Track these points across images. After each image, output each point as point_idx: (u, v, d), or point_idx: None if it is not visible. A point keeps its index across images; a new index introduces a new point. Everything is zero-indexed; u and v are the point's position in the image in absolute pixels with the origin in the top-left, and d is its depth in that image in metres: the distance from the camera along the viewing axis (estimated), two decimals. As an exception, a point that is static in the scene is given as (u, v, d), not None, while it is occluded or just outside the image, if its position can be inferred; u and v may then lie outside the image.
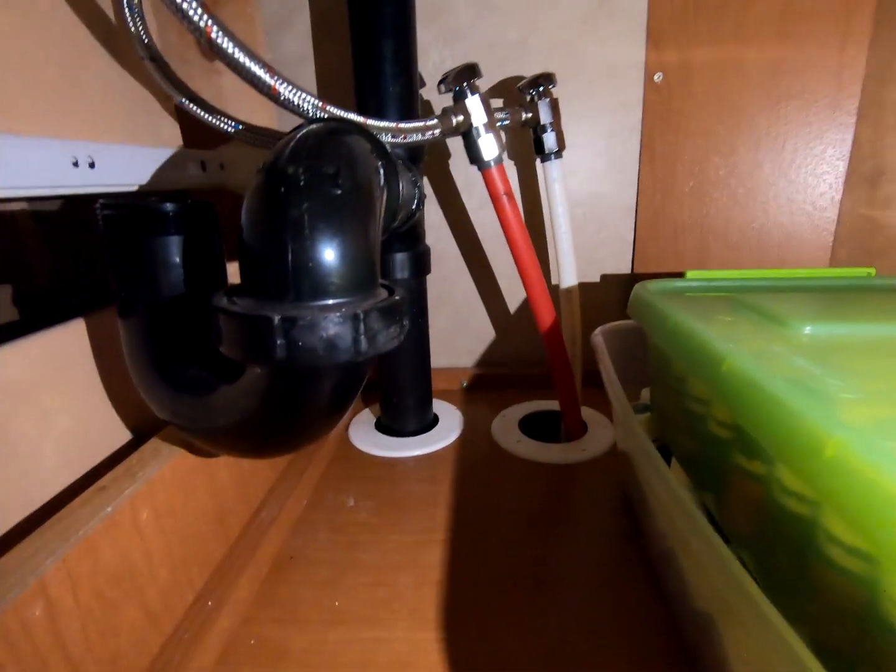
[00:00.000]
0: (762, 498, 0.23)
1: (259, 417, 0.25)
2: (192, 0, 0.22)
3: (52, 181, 0.29)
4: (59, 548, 0.23)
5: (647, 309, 0.33)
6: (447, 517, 0.44)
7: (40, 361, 0.30)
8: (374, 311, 0.21)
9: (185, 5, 0.22)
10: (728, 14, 0.52)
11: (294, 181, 0.21)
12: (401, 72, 0.45)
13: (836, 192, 0.53)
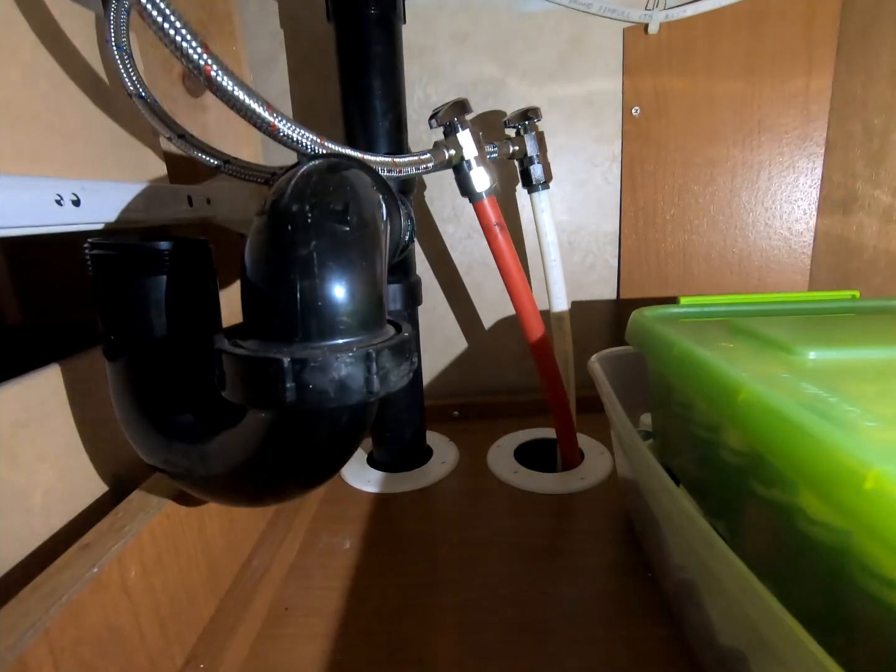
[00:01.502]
0: (783, 527, 0.23)
1: (260, 464, 0.23)
2: (192, 40, 0.22)
3: (35, 220, 0.28)
4: (39, 618, 0.21)
5: (648, 336, 0.33)
6: (447, 556, 0.42)
7: (16, 409, 0.28)
8: (385, 350, 0.20)
9: (184, 45, 0.22)
10: (698, 53, 0.55)
11: (301, 218, 0.20)
12: (390, 108, 0.46)
13: (811, 218, 0.56)
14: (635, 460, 0.30)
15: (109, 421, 0.34)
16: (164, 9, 0.21)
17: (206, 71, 0.23)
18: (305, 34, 0.59)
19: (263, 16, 0.59)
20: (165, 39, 0.22)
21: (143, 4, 0.21)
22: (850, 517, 0.15)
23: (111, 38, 0.35)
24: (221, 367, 0.20)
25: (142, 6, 0.21)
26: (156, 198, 0.39)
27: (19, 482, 0.28)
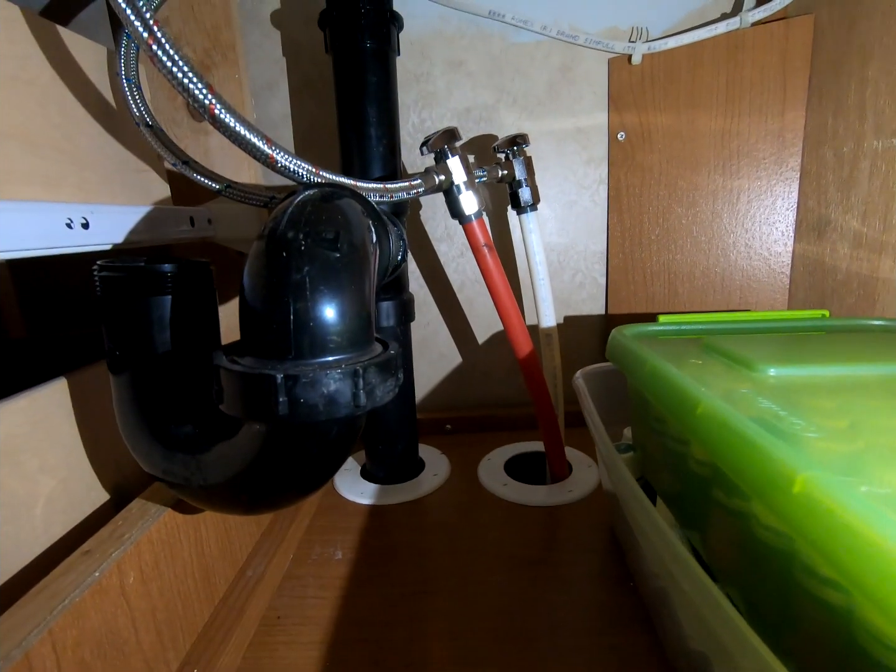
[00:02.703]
0: (743, 533, 0.24)
1: (255, 473, 0.25)
2: (198, 81, 0.24)
3: (47, 243, 0.30)
4: (44, 618, 0.23)
5: (625, 353, 0.35)
6: (437, 565, 0.43)
7: (23, 421, 0.30)
8: (371, 367, 0.22)
9: (191, 86, 0.24)
10: (679, 82, 0.58)
11: (296, 245, 0.22)
12: (384, 134, 0.48)
13: (788, 239, 0.58)
14: (613, 474, 0.32)
15: (110, 432, 0.35)
16: (173, 55, 0.23)
17: (210, 109, 0.25)
18: (306, 60, 0.61)
19: (265, 43, 0.61)
20: (173, 81, 0.24)
21: (154, 50, 0.23)
22: (785, 521, 0.17)
23: (121, 70, 0.37)
24: (220, 382, 0.22)
25: (152, 52, 0.23)
26: (160, 219, 0.41)
27: (23, 492, 0.30)
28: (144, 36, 0.23)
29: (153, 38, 0.23)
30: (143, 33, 0.23)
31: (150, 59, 0.24)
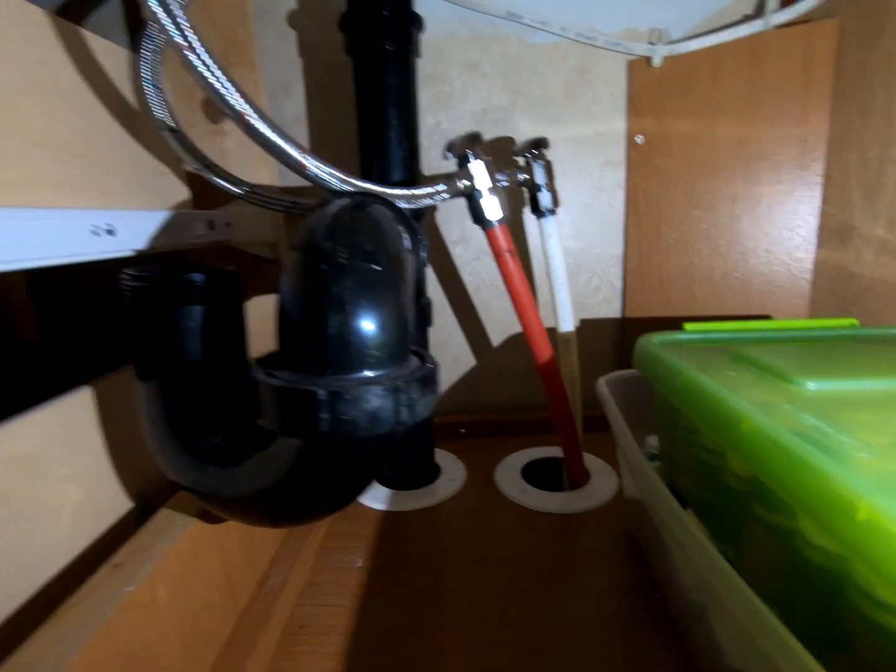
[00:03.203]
0: (785, 550, 0.24)
1: (287, 487, 0.25)
2: (235, 92, 0.23)
3: (74, 250, 0.29)
4: (79, 635, 0.22)
5: (654, 362, 0.34)
6: (457, 574, 0.43)
7: (50, 430, 0.29)
8: (413, 383, 0.22)
9: (227, 97, 0.24)
10: (700, 84, 0.57)
11: (335, 259, 0.22)
12: (404, 137, 0.48)
13: (810, 245, 0.57)
14: (644, 484, 0.31)
15: (134, 440, 0.35)
16: (212, 67, 0.23)
17: (243, 117, 0.24)
18: (320, 62, 0.61)
19: (281, 44, 0.61)
20: (210, 91, 0.24)
21: (194, 64, 0.23)
22: (845, 545, 0.16)
23: (144, 74, 0.37)
24: (258, 395, 0.22)
25: (190, 63, 0.23)
26: (181, 224, 0.40)
27: (50, 501, 0.29)
28: (179, 42, 0.22)
29: (189, 47, 0.23)
30: (180, 41, 0.22)
31: (184, 67, 0.23)
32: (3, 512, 0.26)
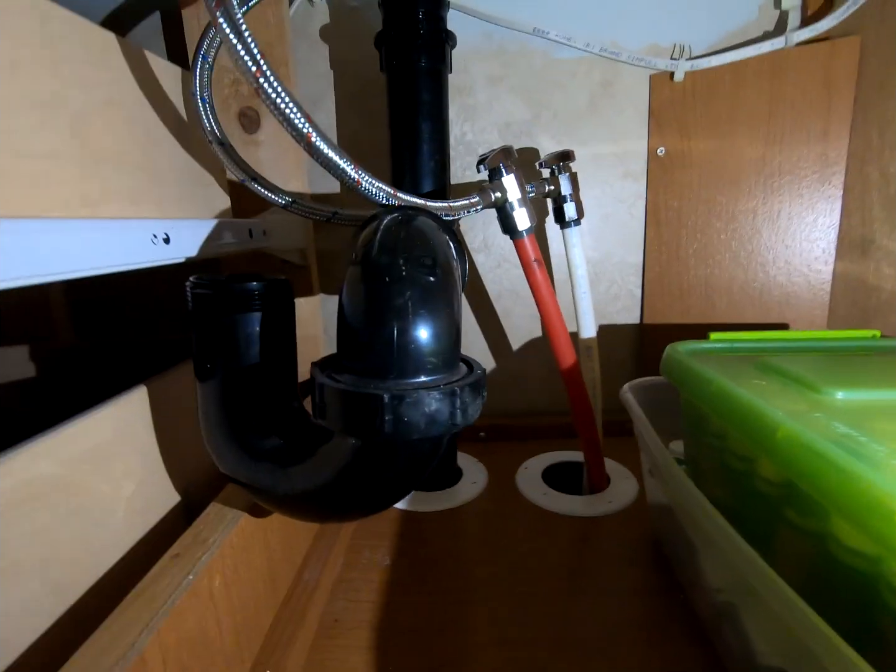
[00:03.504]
0: (816, 552, 0.25)
1: (340, 485, 0.26)
2: (299, 113, 0.25)
3: (136, 258, 0.31)
4: (151, 619, 0.24)
5: (684, 370, 0.35)
6: (483, 574, 0.44)
7: (111, 427, 0.31)
8: (467, 387, 0.23)
9: (291, 115, 0.25)
10: (721, 99, 0.59)
11: (397, 272, 0.23)
12: (436, 150, 0.49)
13: (829, 257, 0.58)
14: (674, 487, 0.32)
15: (180, 438, 0.37)
16: (281, 92, 0.24)
17: (307, 137, 0.26)
18: (351, 75, 0.63)
19: (312, 58, 0.63)
20: (276, 112, 0.25)
21: (263, 87, 0.24)
22: (884, 546, 0.18)
23: (196, 90, 0.38)
24: (323, 397, 0.23)
25: (259, 85, 0.25)
26: (226, 232, 0.42)
27: (110, 496, 0.31)
28: (252, 70, 0.24)
29: (260, 72, 0.24)
30: (252, 67, 0.24)
31: (255, 91, 0.25)
32: (73, 503, 0.28)
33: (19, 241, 0.24)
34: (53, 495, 0.26)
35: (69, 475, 0.27)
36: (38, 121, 0.27)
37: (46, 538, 0.26)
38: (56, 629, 0.26)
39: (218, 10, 0.24)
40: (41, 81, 0.27)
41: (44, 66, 0.27)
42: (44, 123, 0.27)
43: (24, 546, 0.25)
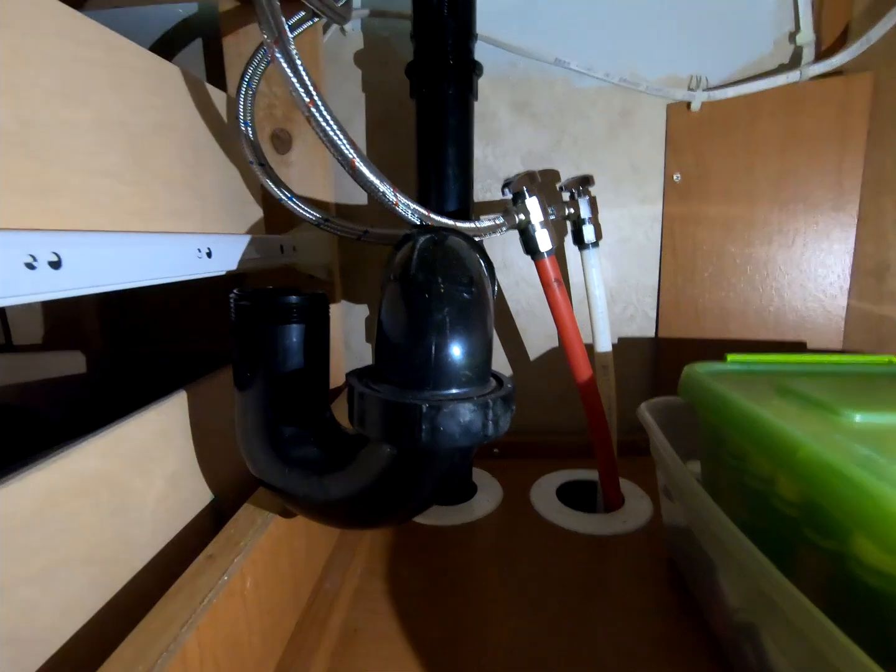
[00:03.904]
0: (837, 572, 0.25)
1: (377, 492, 0.27)
2: (345, 139, 0.27)
3: (183, 270, 0.33)
4: (191, 615, 0.25)
5: (702, 391, 0.36)
6: (499, 588, 0.45)
7: (153, 430, 0.33)
8: (499, 400, 0.24)
9: (338, 142, 0.27)
10: (738, 129, 0.60)
11: (436, 289, 0.25)
12: (461, 173, 0.51)
13: (844, 282, 0.59)
14: (693, 503, 0.33)
15: (211, 443, 0.38)
16: (330, 121, 0.26)
17: (352, 162, 0.28)
18: (381, 100, 0.66)
19: (344, 83, 0.66)
20: (324, 138, 0.27)
21: (314, 115, 0.26)
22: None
23: (240, 114, 0.41)
24: (362, 406, 0.25)
25: (311, 114, 0.27)
26: (260, 247, 0.44)
27: (148, 495, 0.32)
28: (306, 100, 0.26)
29: (312, 102, 0.26)
30: (305, 98, 0.26)
31: (307, 119, 0.27)
32: (117, 501, 0.29)
33: (85, 252, 0.26)
34: (101, 492, 0.28)
35: (116, 473, 0.28)
36: (103, 142, 0.29)
37: (92, 534, 0.27)
38: (96, 623, 0.27)
39: (276, 47, 0.26)
40: (107, 106, 0.29)
41: (110, 92, 0.29)
42: (107, 144, 0.29)
43: (72, 541, 0.26)
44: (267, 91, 0.58)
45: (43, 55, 0.25)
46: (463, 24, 0.49)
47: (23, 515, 0.23)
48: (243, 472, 0.35)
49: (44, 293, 0.23)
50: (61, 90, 0.26)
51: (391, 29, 0.64)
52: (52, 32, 0.26)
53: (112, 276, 0.28)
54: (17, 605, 0.23)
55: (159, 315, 0.72)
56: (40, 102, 0.25)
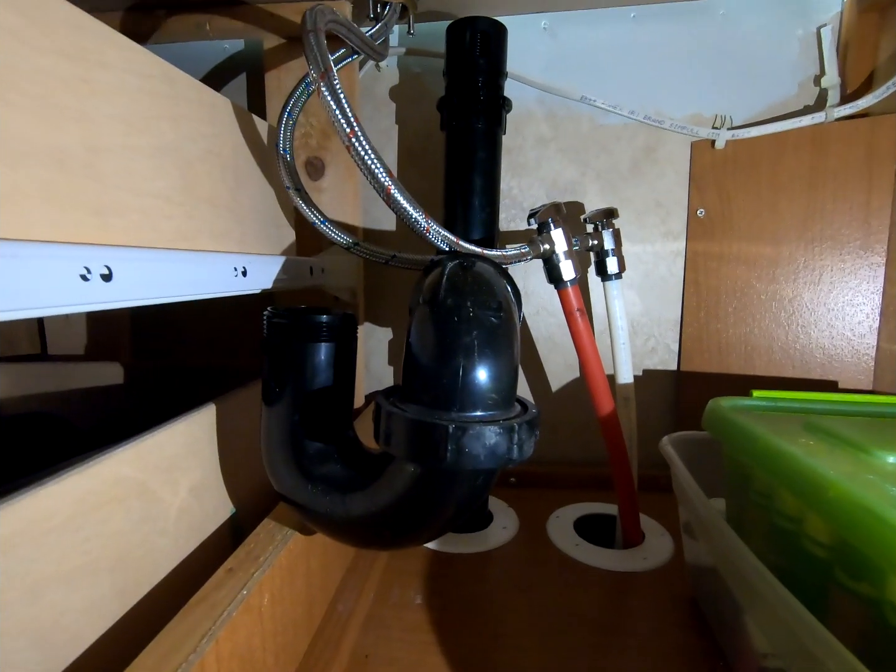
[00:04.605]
0: (871, 616, 0.25)
1: (400, 511, 0.27)
2: (382, 168, 0.28)
3: (220, 287, 0.35)
4: (211, 627, 0.25)
5: (729, 426, 0.36)
6: (514, 621, 0.44)
7: (182, 442, 0.33)
8: (524, 424, 0.25)
9: (376, 171, 0.28)
10: (763, 166, 0.61)
11: (465, 312, 0.25)
12: (487, 203, 0.53)
13: (873, 321, 0.58)
14: (720, 542, 0.32)
15: (233, 458, 0.39)
16: (369, 150, 0.28)
17: (387, 189, 0.29)
18: (412, 132, 0.68)
19: (376, 115, 0.69)
20: (362, 166, 0.29)
21: (354, 145, 0.28)
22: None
23: (280, 142, 0.43)
24: (389, 425, 0.25)
25: (351, 144, 0.28)
26: (292, 269, 0.46)
27: (174, 505, 0.33)
28: (347, 131, 0.28)
29: (353, 133, 0.28)
30: (346, 129, 0.28)
31: (346, 149, 0.28)
32: (145, 510, 0.30)
33: (134, 267, 0.27)
34: (131, 500, 0.28)
35: (147, 482, 0.29)
36: (157, 166, 0.31)
37: (120, 541, 0.28)
38: (118, 629, 0.27)
39: (322, 81, 0.28)
40: (164, 134, 0.31)
41: (167, 121, 0.31)
42: (161, 169, 0.31)
43: (102, 547, 0.26)
44: (303, 121, 0.61)
45: (110, 86, 0.27)
46: (494, 63, 0.52)
47: (59, 517, 0.24)
48: (263, 487, 0.35)
49: (95, 303, 0.24)
50: (125, 118, 0.28)
51: (424, 66, 0.67)
52: (119, 66, 0.28)
53: (156, 290, 0.29)
54: (47, 607, 0.23)
55: (188, 331, 0.74)
56: (105, 129, 0.27)
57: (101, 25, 0.27)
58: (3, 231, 0.22)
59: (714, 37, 0.63)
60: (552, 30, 0.65)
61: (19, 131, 0.22)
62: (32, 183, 0.23)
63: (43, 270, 0.22)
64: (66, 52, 0.25)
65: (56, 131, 0.24)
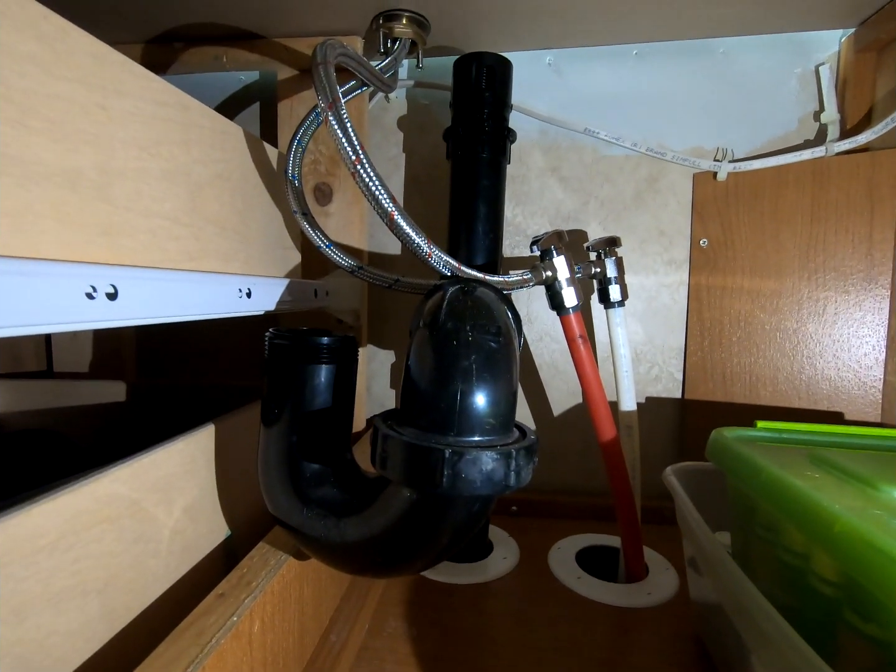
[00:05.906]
0: (881, 661, 0.24)
1: (395, 537, 0.27)
2: (384, 194, 0.29)
3: (225, 308, 0.35)
4: (198, 655, 0.24)
5: (733, 457, 0.35)
6: (511, 654, 0.42)
7: (179, 461, 0.33)
8: (522, 450, 0.24)
9: (379, 196, 0.29)
10: (765, 198, 0.62)
11: (464, 336, 0.25)
12: (490, 230, 0.53)
13: (879, 353, 0.58)
14: (725, 579, 0.31)
15: (230, 479, 0.39)
16: (374, 177, 0.28)
17: (391, 215, 0.30)
18: (417, 159, 0.70)
19: (384, 143, 0.71)
20: (367, 192, 0.29)
21: (359, 172, 0.28)
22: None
23: (289, 169, 0.44)
24: (385, 448, 0.25)
25: (356, 170, 0.29)
26: (297, 291, 0.46)
27: (168, 527, 0.33)
28: (353, 158, 0.28)
29: (358, 160, 0.29)
30: (352, 156, 0.28)
31: (351, 175, 0.29)
32: (138, 531, 0.29)
33: (139, 286, 0.27)
34: (124, 520, 0.28)
35: (141, 501, 0.29)
36: (167, 189, 0.31)
37: (111, 562, 0.27)
38: (104, 653, 0.27)
39: (330, 111, 0.28)
40: (175, 158, 0.32)
41: (179, 146, 0.32)
42: (170, 191, 0.32)
43: (92, 567, 0.26)
44: (313, 149, 0.63)
45: (125, 112, 0.28)
46: (499, 96, 0.53)
47: (50, 536, 0.24)
48: (259, 510, 0.35)
49: (100, 321, 0.25)
50: (137, 143, 0.29)
51: (431, 98, 0.69)
52: (135, 94, 0.29)
53: (161, 310, 0.29)
54: (32, 629, 0.23)
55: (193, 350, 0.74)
56: (119, 153, 0.27)
57: (119, 56, 0.28)
58: (13, 249, 0.22)
59: (714, 73, 0.65)
60: (556, 65, 0.67)
61: (36, 154, 0.23)
62: (45, 203, 0.24)
63: (49, 288, 0.22)
64: (86, 80, 0.26)
65: (71, 154, 0.25)
